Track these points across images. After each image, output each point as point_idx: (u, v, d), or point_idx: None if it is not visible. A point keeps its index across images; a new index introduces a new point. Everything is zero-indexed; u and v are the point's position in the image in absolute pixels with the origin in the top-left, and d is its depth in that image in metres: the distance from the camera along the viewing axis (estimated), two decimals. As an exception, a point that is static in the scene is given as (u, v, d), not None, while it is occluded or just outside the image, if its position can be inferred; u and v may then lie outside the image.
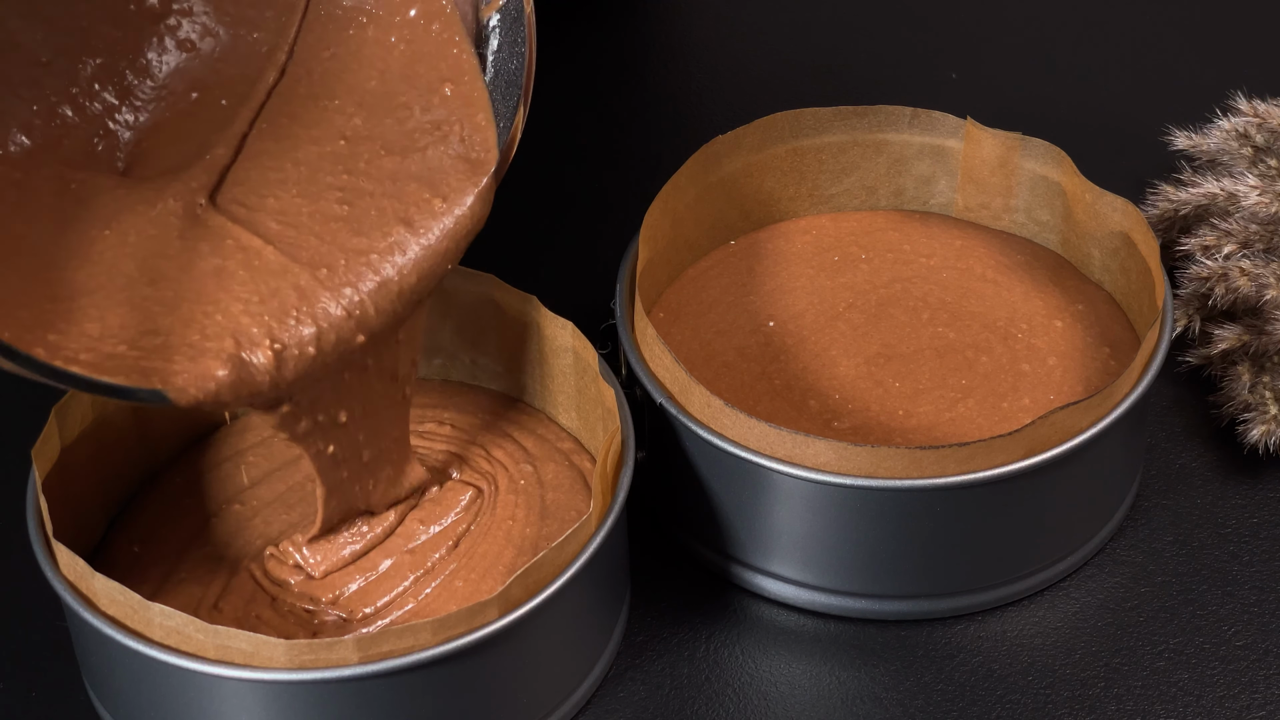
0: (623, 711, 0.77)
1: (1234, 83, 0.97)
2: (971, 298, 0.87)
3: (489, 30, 0.75)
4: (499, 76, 0.75)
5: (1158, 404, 0.88)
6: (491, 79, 0.75)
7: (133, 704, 0.73)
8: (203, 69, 0.75)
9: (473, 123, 0.74)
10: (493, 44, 0.75)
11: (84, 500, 0.78)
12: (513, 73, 0.75)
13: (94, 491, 0.79)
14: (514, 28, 0.75)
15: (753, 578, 0.81)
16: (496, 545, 0.77)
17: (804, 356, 0.85)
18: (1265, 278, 0.86)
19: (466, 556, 0.77)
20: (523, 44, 0.74)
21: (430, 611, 0.75)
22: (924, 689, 0.78)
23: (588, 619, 0.75)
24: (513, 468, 0.80)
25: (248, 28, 0.75)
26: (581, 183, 1.02)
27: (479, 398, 0.84)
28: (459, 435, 0.82)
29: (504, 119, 0.74)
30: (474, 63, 0.74)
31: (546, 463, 0.81)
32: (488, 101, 0.74)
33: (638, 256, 0.83)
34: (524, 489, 0.79)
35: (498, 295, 0.82)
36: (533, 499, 0.79)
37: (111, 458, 0.80)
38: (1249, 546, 0.83)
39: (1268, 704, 0.77)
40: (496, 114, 0.74)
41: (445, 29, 0.74)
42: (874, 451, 0.75)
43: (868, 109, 0.89)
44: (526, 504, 0.79)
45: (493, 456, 0.81)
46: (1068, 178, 0.87)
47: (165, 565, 0.77)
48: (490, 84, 0.75)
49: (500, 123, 0.74)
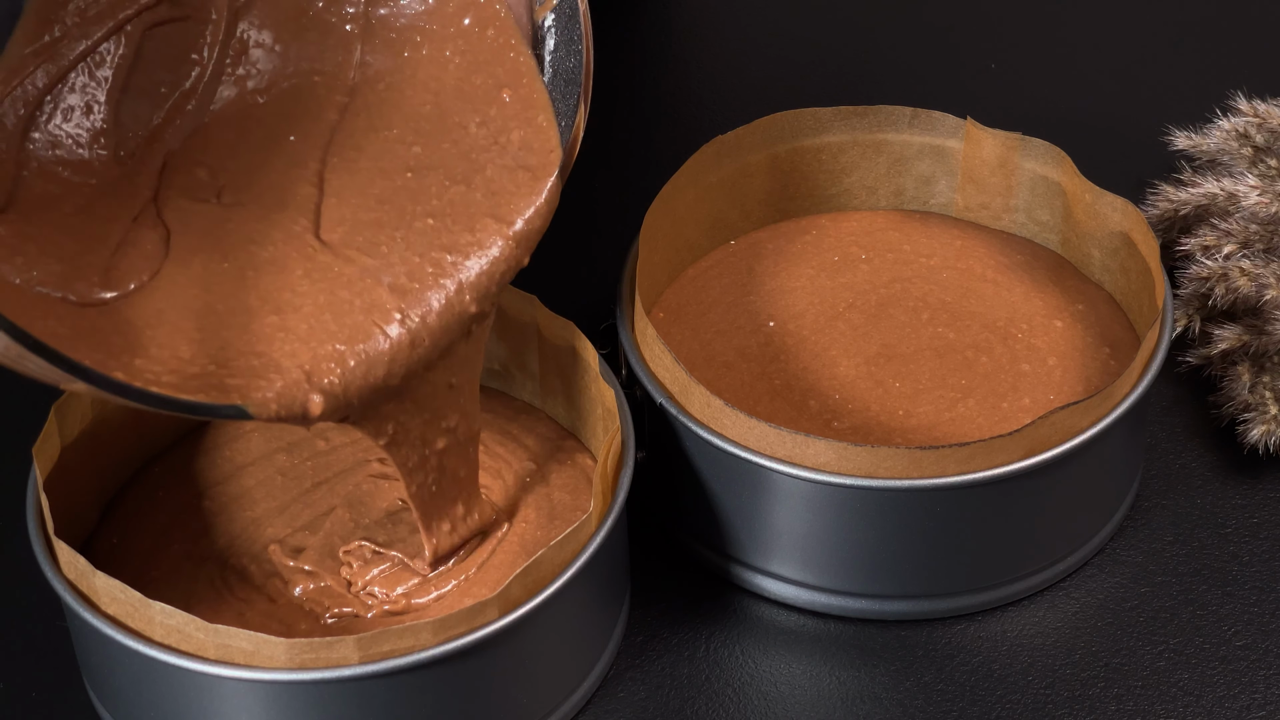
0: (623, 711, 0.77)
1: (1234, 83, 0.97)
2: (971, 298, 0.87)
3: (544, 31, 0.75)
4: (558, 76, 0.75)
5: (1158, 404, 0.88)
6: (550, 79, 0.75)
7: (133, 704, 0.73)
8: (271, 107, 0.76)
9: (533, 125, 0.74)
10: (549, 44, 0.75)
11: (80, 498, 0.78)
12: (571, 70, 0.74)
13: (91, 489, 0.79)
14: (569, 25, 0.74)
15: (753, 578, 0.81)
16: (511, 553, 0.77)
17: (804, 356, 0.85)
18: (1265, 278, 0.86)
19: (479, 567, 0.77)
20: (579, 41, 0.74)
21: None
22: (924, 689, 0.78)
23: (588, 619, 0.75)
24: (517, 465, 0.80)
25: (310, 63, 0.76)
26: (581, 183, 1.01)
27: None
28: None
29: (565, 117, 0.74)
30: (532, 64, 0.74)
31: (549, 462, 0.81)
32: (548, 102, 0.74)
33: (638, 256, 0.83)
34: (529, 486, 0.80)
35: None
36: (540, 499, 0.79)
37: (109, 455, 0.80)
38: (1249, 546, 0.83)
39: (1268, 704, 0.77)
40: (558, 113, 0.74)
41: (500, 33, 0.74)
42: (874, 451, 0.75)
43: (868, 109, 0.89)
44: (535, 504, 0.79)
45: (495, 453, 0.81)
46: (1068, 178, 0.87)
47: (140, 560, 0.78)
48: (549, 84, 0.75)
49: (562, 121, 0.74)
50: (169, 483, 0.81)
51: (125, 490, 0.81)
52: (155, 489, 0.81)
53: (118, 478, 0.81)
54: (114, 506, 0.80)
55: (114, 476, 0.81)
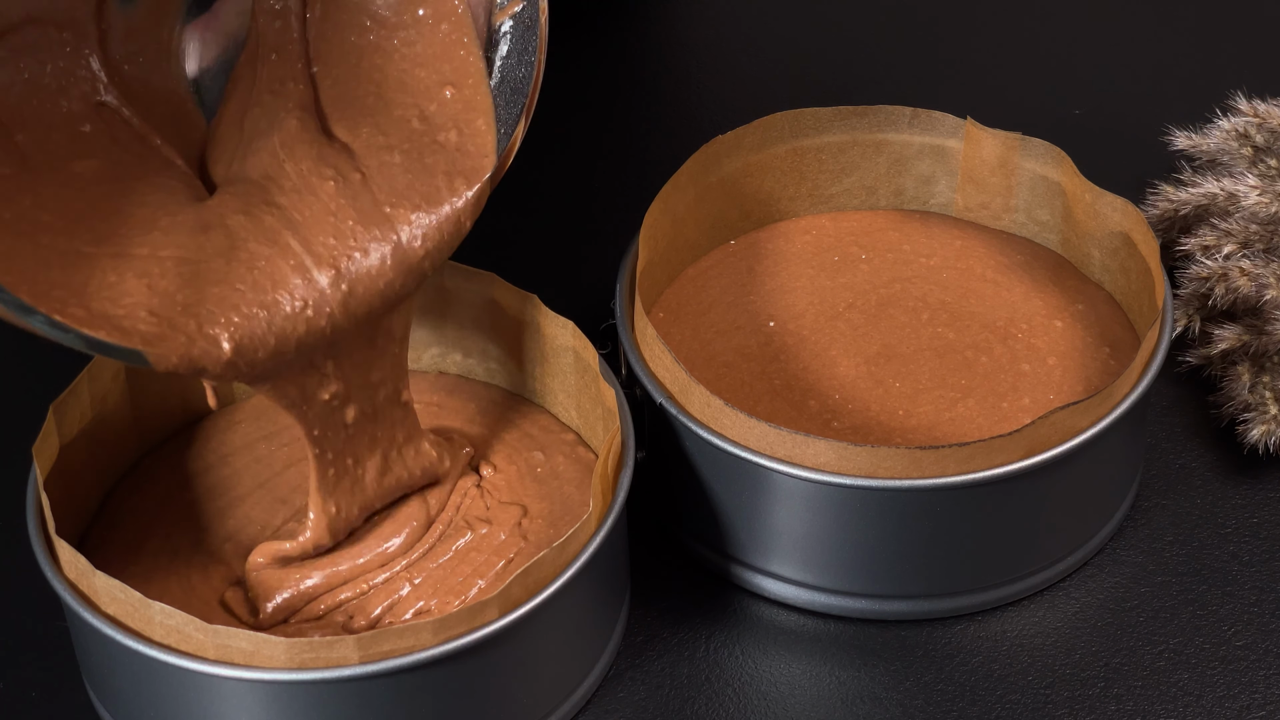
0: (623, 711, 0.77)
1: (1234, 83, 0.97)
2: (971, 298, 0.87)
3: (499, 35, 0.75)
4: (505, 83, 0.74)
5: (1158, 404, 0.88)
6: (497, 84, 0.74)
7: (133, 704, 0.73)
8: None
9: (471, 128, 0.74)
10: (502, 49, 0.75)
11: (80, 496, 0.78)
12: (519, 80, 0.74)
13: (90, 487, 0.79)
14: (526, 35, 0.74)
15: (753, 578, 0.81)
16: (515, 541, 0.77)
17: (804, 356, 0.85)
18: (1265, 278, 0.86)
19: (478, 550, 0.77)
20: (533, 53, 0.74)
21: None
22: (924, 689, 0.78)
23: (588, 619, 0.75)
24: (525, 454, 0.81)
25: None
26: (581, 183, 1.02)
27: (478, 390, 0.84)
28: (461, 423, 0.82)
29: (505, 125, 0.74)
30: (480, 66, 0.74)
31: (554, 454, 0.81)
32: (490, 106, 0.74)
33: (638, 256, 0.83)
34: (540, 477, 0.80)
35: (498, 294, 0.82)
36: (547, 488, 0.79)
37: (108, 453, 0.80)
38: (1249, 546, 0.83)
39: (1268, 704, 0.77)
40: (499, 119, 0.74)
41: (454, 30, 0.74)
42: (874, 451, 0.75)
43: (868, 109, 0.89)
44: (539, 493, 0.79)
45: (503, 440, 0.81)
46: (1068, 178, 0.87)
47: (123, 553, 0.78)
48: (495, 89, 0.74)
49: (501, 129, 0.74)
50: (158, 476, 0.81)
51: (119, 485, 0.81)
52: (145, 482, 0.81)
53: (117, 475, 0.81)
54: (106, 502, 0.80)
55: (113, 474, 0.81)
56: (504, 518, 0.78)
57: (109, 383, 0.79)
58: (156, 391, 0.81)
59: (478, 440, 0.82)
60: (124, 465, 0.81)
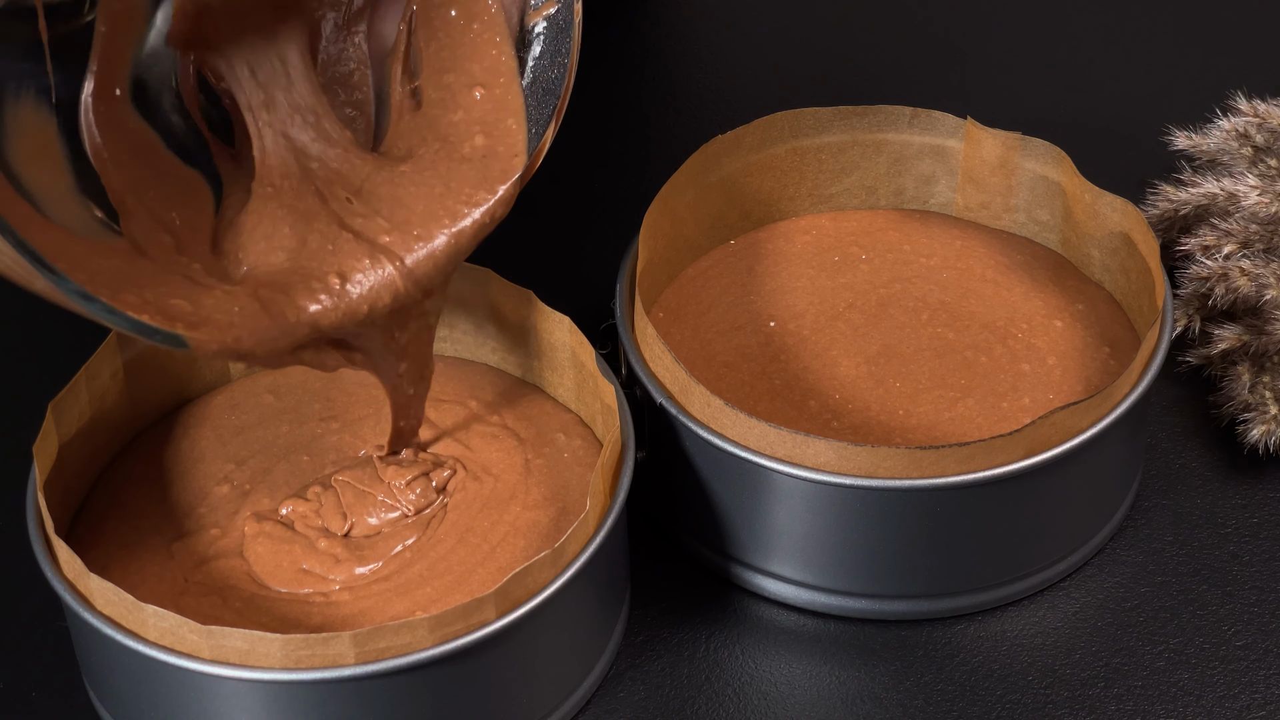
0: (623, 711, 0.77)
1: (1234, 83, 0.97)
2: (971, 298, 0.87)
3: (532, 36, 0.75)
4: (536, 83, 0.74)
5: (1158, 404, 0.88)
6: (529, 84, 0.74)
7: (132, 704, 0.73)
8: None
9: (501, 128, 0.74)
10: (535, 49, 0.75)
11: (79, 494, 0.78)
12: (551, 81, 0.74)
13: (88, 486, 0.79)
14: (559, 37, 0.74)
15: (753, 578, 0.81)
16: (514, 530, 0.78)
17: (804, 356, 0.85)
18: (1265, 278, 0.86)
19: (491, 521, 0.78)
20: (566, 54, 0.74)
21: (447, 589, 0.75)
22: (924, 689, 0.78)
23: (588, 619, 0.75)
24: (534, 438, 0.81)
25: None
26: (581, 183, 1.02)
27: (480, 371, 0.84)
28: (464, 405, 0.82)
29: (536, 125, 0.74)
30: (513, 65, 0.74)
31: (558, 434, 0.81)
32: (521, 106, 0.74)
33: (638, 256, 0.83)
34: (549, 455, 0.80)
35: (494, 290, 0.82)
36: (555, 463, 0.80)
37: (108, 451, 0.80)
38: (1249, 546, 0.83)
39: (1268, 704, 0.77)
40: (530, 119, 0.74)
41: (486, 29, 0.74)
42: (874, 451, 0.75)
43: (868, 109, 0.89)
44: (547, 467, 0.79)
45: (508, 426, 0.81)
46: (1067, 178, 0.87)
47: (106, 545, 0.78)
48: (527, 89, 0.74)
49: (532, 128, 0.74)
50: (143, 461, 0.81)
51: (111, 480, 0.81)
52: (135, 466, 0.81)
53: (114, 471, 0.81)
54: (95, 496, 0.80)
55: (111, 470, 0.81)
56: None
57: (107, 381, 0.79)
58: (153, 388, 0.81)
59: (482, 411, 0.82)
60: (125, 461, 0.81)
